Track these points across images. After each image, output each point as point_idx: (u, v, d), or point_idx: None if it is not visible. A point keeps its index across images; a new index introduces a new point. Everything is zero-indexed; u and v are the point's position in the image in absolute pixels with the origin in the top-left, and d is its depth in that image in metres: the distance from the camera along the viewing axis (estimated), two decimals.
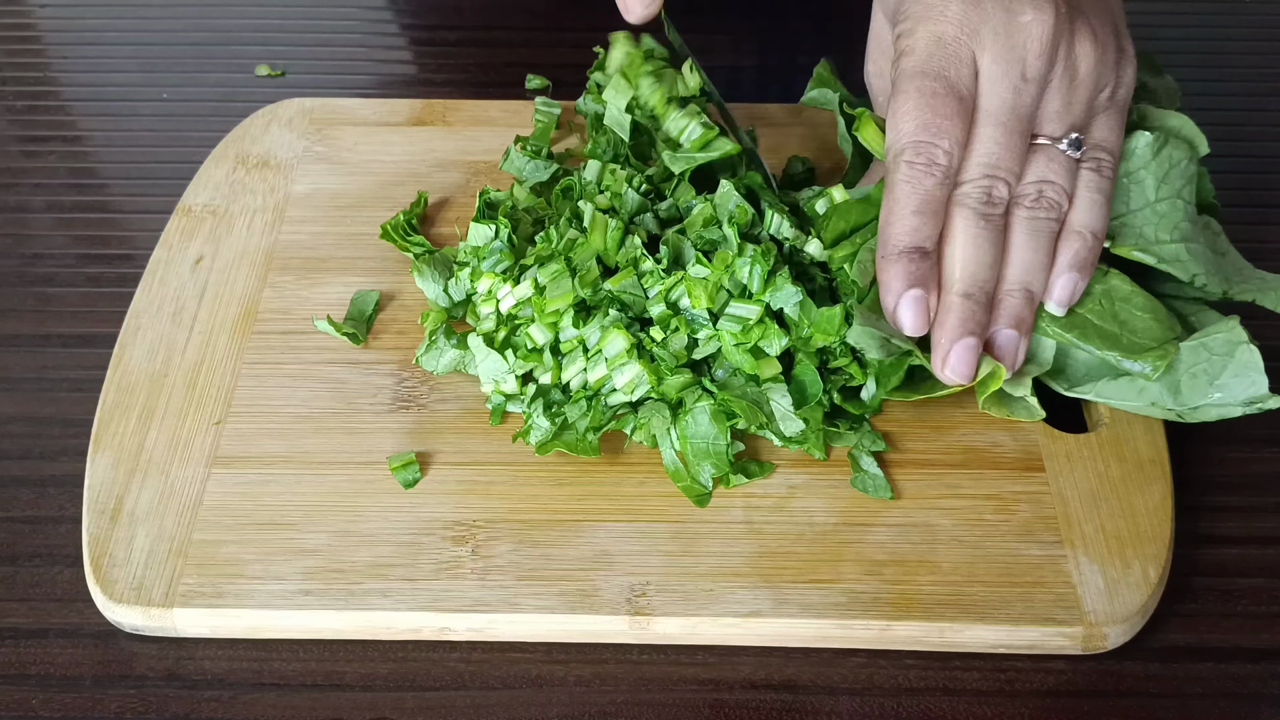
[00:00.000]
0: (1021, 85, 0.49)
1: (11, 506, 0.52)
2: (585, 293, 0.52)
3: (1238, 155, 0.69)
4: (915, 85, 0.49)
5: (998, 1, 0.49)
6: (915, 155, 0.49)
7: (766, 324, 0.51)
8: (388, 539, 0.48)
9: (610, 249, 0.53)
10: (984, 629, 0.46)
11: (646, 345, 0.52)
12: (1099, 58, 0.50)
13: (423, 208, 0.61)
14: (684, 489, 0.50)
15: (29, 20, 0.79)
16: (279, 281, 0.58)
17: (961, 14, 0.49)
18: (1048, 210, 0.50)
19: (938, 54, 0.49)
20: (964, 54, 0.49)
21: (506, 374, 0.52)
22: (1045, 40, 0.49)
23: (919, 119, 0.49)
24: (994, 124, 0.49)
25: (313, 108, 0.67)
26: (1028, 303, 0.50)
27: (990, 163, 0.49)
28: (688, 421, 0.51)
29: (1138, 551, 0.48)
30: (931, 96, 0.48)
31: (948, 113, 0.48)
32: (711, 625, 0.46)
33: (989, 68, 0.49)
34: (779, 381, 0.51)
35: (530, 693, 0.46)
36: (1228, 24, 0.79)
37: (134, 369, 0.54)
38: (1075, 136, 0.50)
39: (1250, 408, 0.50)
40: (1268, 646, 0.48)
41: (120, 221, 0.65)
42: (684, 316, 0.52)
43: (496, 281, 0.53)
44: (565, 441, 0.51)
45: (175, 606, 0.46)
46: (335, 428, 0.52)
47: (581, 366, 0.52)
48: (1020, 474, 0.51)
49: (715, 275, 0.51)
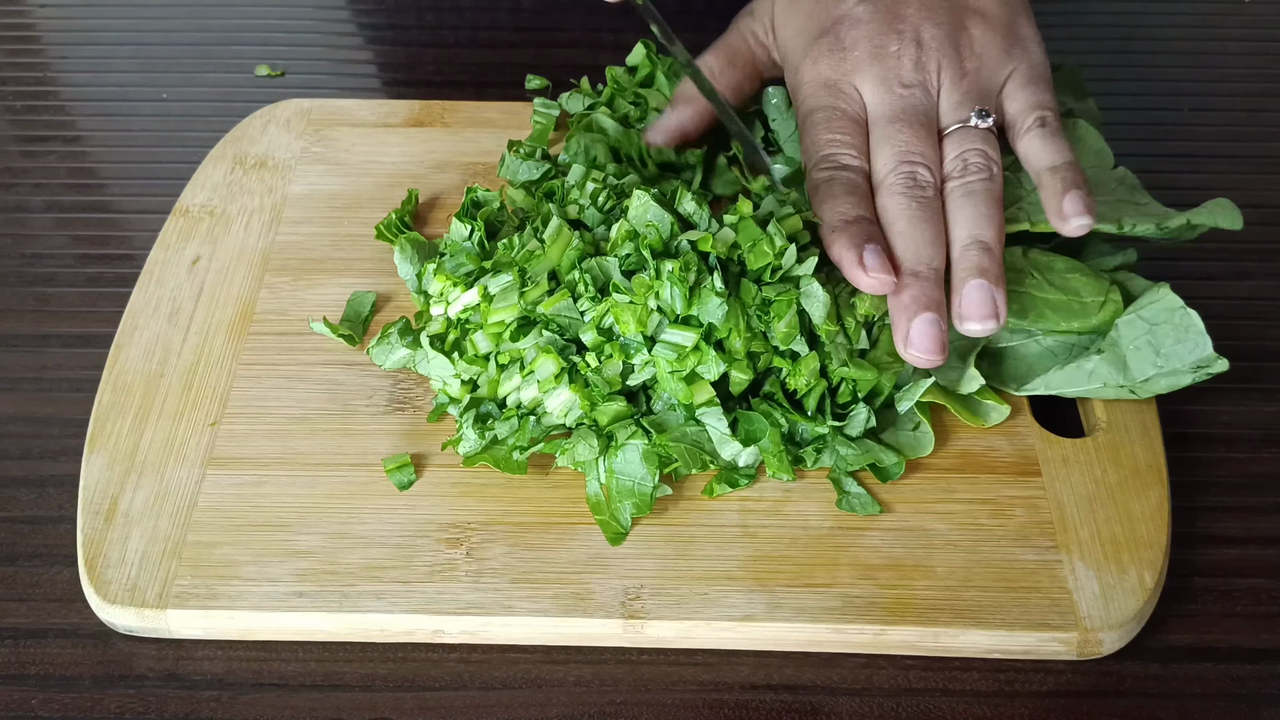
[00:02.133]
0: (903, 91, 0.54)
1: (10, 506, 0.52)
2: (528, 309, 0.51)
3: (1238, 155, 0.69)
4: (812, 120, 0.56)
5: (866, 39, 0.55)
6: (825, 161, 0.54)
7: (703, 349, 0.49)
8: (382, 541, 0.48)
9: (563, 266, 0.52)
10: (979, 634, 0.46)
11: (581, 370, 0.51)
12: (986, 52, 0.55)
13: (414, 204, 0.61)
14: (600, 522, 0.49)
15: (29, 20, 0.79)
16: (275, 282, 0.58)
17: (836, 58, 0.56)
18: (977, 173, 0.53)
19: (830, 93, 0.55)
20: (846, 88, 0.55)
21: (451, 377, 0.52)
22: (912, 58, 0.55)
23: (823, 138, 0.55)
24: (890, 122, 0.54)
25: (311, 108, 0.67)
26: (984, 252, 0.51)
27: (901, 150, 0.53)
28: (618, 457, 0.49)
29: (1134, 557, 0.48)
30: (828, 122, 0.55)
31: (844, 128, 0.55)
32: (706, 629, 0.46)
33: (870, 91, 0.55)
34: (713, 404, 0.50)
35: (529, 693, 0.46)
36: (1228, 24, 0.78)
37: (130, 369, 0.54)
38: (980, 109, 0.54)
39: (1199, 374, 0.51)
40: (1267, 647, 0.48)
41: (120, 221, 0.65)
42: (617, 343, 0.50)
43: (448, 285, 0.53)
44: (493, 456, 0.50)
45: (169, 608, 0.46)
46: (330, 429, 0.52)
47: (517, 384, 0.51)
48: (1016, 478, 0.51)
49: (640, 300, 0.50)
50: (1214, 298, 0.61)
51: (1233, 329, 0.59)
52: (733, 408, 0.51)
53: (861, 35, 0.55)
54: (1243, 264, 0.63)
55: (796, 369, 0.50)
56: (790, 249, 0.51)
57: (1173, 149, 0.69)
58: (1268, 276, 0.62)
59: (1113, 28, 0.78)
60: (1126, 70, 0.75)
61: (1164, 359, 0.51)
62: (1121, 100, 0.73)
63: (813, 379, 0.51)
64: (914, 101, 0.54)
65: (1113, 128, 0.71)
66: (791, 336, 0.50)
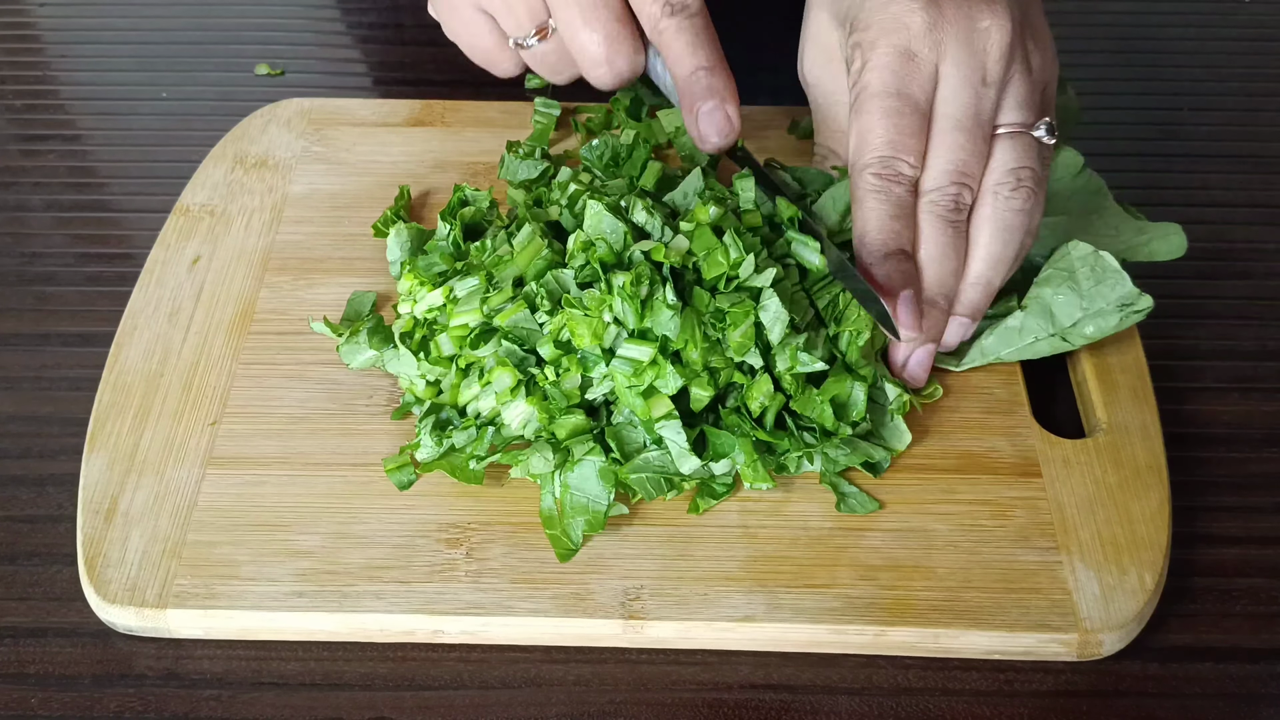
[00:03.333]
0: (982, 90, 0.50)
1: (10, 505, 0.52)
2: (488, 316, 0.50)
3: (1238, 155, 0.69)
4: (879, 105, 0.50)
5: (958, 9, 0.50)
6: (883, 168, 0.50)
7: (660, 364, 0.48)
8: (382, 541, 0.48)
9: (529, 274, 0.51)
10: (979, 635, 0.46)
11: (540, 382, 0.50)
12: (1044, 55, 0.52)
13: (406, 200, 0.61)
14: (551, 537, 0.48)
15: (29, 20, 0.79)
16: (276, 282, 0.58)
17: (925, 26, 0.50)
18: (1024, 200, 0.51)
19: (903, 70, 0.50)
20: (928, 68, 0.50)
21: (416, 377, 0.52)
22: (1004, 45, 0.50)
23: (885, 136, 0.50)
24: (957, 129, 0.50)
25: (311, 108, 0.67)
26: (987, 296, 0.52)
27: (956, 169, 0.50)
28: (574, 472, 0.48)
29: (1134, 558, 0.48)
30: (898, 116, 0.50)
31: (912, 130, 0.50)
32: (705, 629, 0.46)
33: (950, 74, 0.50)
34: (673, 418, 0.48)
35: (529, 692, 0.46)
36: (1228, 24, 0.78)
37: (130, 369, 0.54)
38: (1049, 121, 0.51)
39: (1126, 313, 0.51)
40: (1267, 646, 0.48)
41: (120, 221, 0.65)
42: (574, 356, 0.49)
43: (415, 283, 0.53)
44: (449, 464, 0.49)
45: (169, 607, 0.46)
46: (330, 429, 0.52)
47: (476, 393, 0.50)
48: (1017, 479, 0.51)
49: (594, 313, 0.49)
50: (1214, 298, 0.61)
51: (1233, 329, 0.59)
52: (698, 423, 0.50)
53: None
54: (1243, 264, 0.63)
55: (750, 391, 0.49)
56: (748, 260, 0.50)
57: (1173, 149, 0.69)
58: (1268, 276, 0.62)
59: (1113, 28, 0.79)
60: (1126, 70, 0.75)
61: (1088, 300, 0.51)
62: (1121, 100, 0.73)
63: (768, 399, 0.49)
64: (987, 106, 0.50)
65: (1113, 127, 0.72)
66: (746, 347, 0.49)
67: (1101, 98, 0.73)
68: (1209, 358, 0.58)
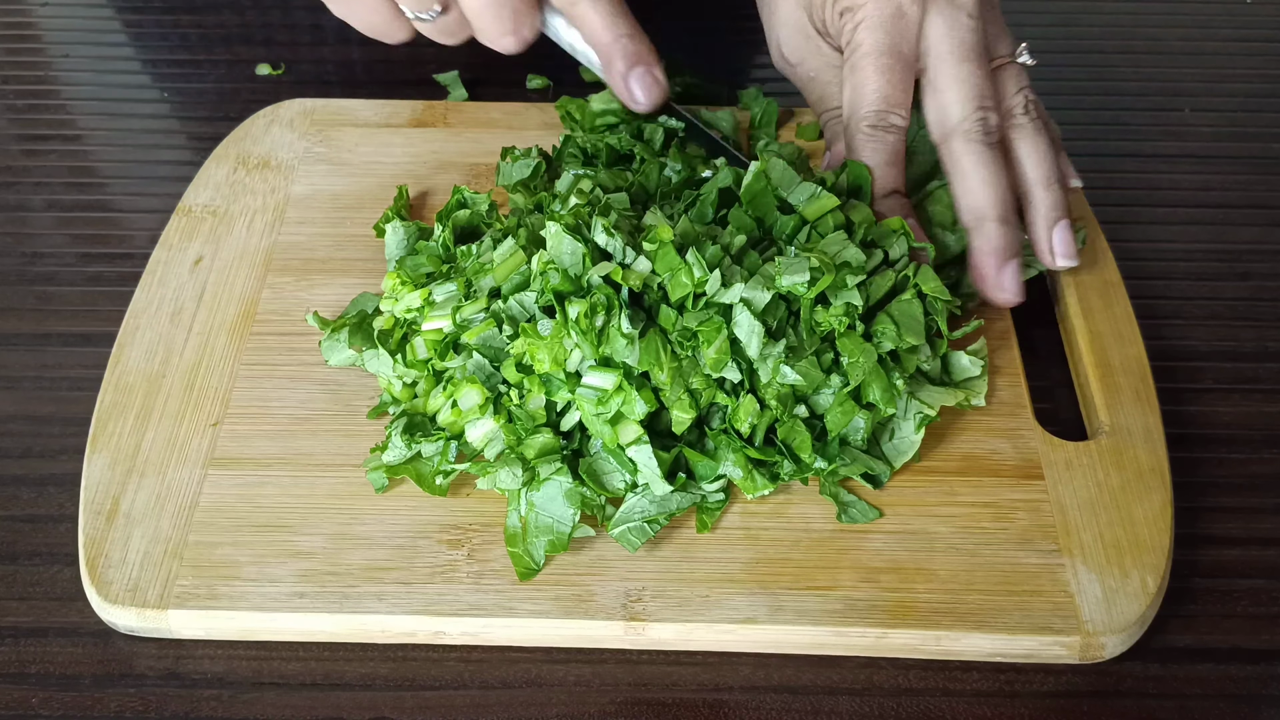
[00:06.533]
0: (970, 23, 0.54)
1: (11, 505, 0.52)
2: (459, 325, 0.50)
3: (1238, 155, 0.69)
4: (873, 63, 0.54)
5: None
6: (878, 120, 0.55)
7: (625, 389, 0.47)
8: (383, 542, 0.48)
9: (506, 289, 0.50)
10: (981, 637, 0.46)
11: (505, 403, 0.49)
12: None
13: (405, 200, 0.61)
14: (513, 555, 0.47)
15: (29, 20, 0.79)
16: (278, 282, 0.58)
17: None
18: (1035, 115, 0.56)
19: (894, 27, 0.54)
20: (914, 23, 0.54)
21: (393, 377, 0.52)
22: None
23: (880, 91, 0.54)
24: (965, 61, 0.54)
25: (314, 108, 0.67)
26: (1060, 191, 0.56)
27: (977, 95, 0.54)
28: (540, 491, 0.48)
29: (1136, 561, 0.48)
30: (890, 72, 0.54)
31: (902, 84, 0.54)
32: (707, 631, 0.46)
33: (940, 19, 0.54)
34: (642, 443, 0.47)
35: (530, 692, 0.46)
36: (1228, 24, 0.78)
37: (132, 369, 0.54)
38: (1025, 45, 0.56)
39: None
40: (1267, 648, 0.48)
41: (120, 221, 0.65)
42: (536, 378, 0.49)
43: (397, 283, 0.52)
44: (416, 471, 0.49)
45: (170, 608, 0.46)
46: (332, 430, 0.52)
47: (443, 403, 0.50)
48: (1019, 482, 0.51)
49: (554, 339, 0.48)
50: (1214, 298, 0.61)
51: (1233, 329, 0.59)
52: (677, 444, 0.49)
53: None
54: (1243, 264, 0.63)
55: (736, 414, 0.49)
56: (713, 277, 0.48)
57: (1172, 149, 0.69)
58: (1268, 277, 0.62)
59: (1113, 28, 0.78)
60: (1126, 70, 0.75)
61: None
62: (1122, 100, 0.73)
63: (755, 418, 0.49)
64: (979, 37, 0.54)
65: (1113, 128, 0.72)
66: (723, 363, 0.48)
67: (1102, 98, 0.73)
68: (1210, 359, 0.58)
